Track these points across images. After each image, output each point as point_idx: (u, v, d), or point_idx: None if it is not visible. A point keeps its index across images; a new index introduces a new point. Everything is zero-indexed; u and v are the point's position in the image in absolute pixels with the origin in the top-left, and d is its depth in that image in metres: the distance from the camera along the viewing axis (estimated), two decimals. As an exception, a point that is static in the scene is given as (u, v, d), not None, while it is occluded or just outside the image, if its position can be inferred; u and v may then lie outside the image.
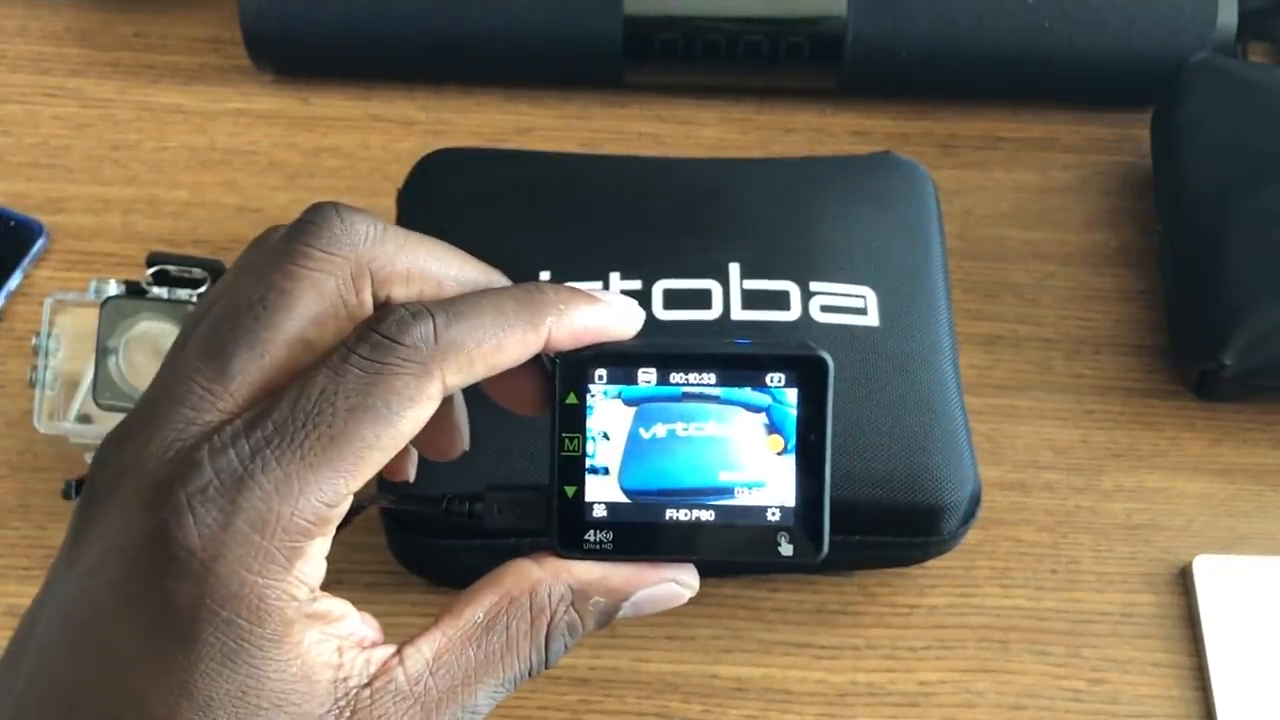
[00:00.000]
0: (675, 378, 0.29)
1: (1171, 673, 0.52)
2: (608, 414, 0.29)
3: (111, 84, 0.65)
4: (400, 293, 0.27)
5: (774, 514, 0.29)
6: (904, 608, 0.53)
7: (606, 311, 0.29)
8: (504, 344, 0.27)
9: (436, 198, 0.54)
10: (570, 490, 0.29)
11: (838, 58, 0.62)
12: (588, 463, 0.29)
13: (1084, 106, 0.65)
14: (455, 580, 0.52)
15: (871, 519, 0.48)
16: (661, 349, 0.29)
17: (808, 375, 0.29)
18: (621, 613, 0.30)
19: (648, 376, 0.29)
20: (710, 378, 0.29)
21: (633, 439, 0.29)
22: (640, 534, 0.29)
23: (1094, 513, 0.55)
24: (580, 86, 0.65)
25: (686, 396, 0.29)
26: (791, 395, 0.29)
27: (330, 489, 0.25)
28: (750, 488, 0.29)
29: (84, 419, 0.53)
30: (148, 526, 0.24)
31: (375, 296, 0.27)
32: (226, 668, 0.24)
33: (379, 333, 0.26)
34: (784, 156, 0.62)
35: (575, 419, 0.29)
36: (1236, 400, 0.57)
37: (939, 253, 0.54)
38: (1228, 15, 0.61)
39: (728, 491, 0.29)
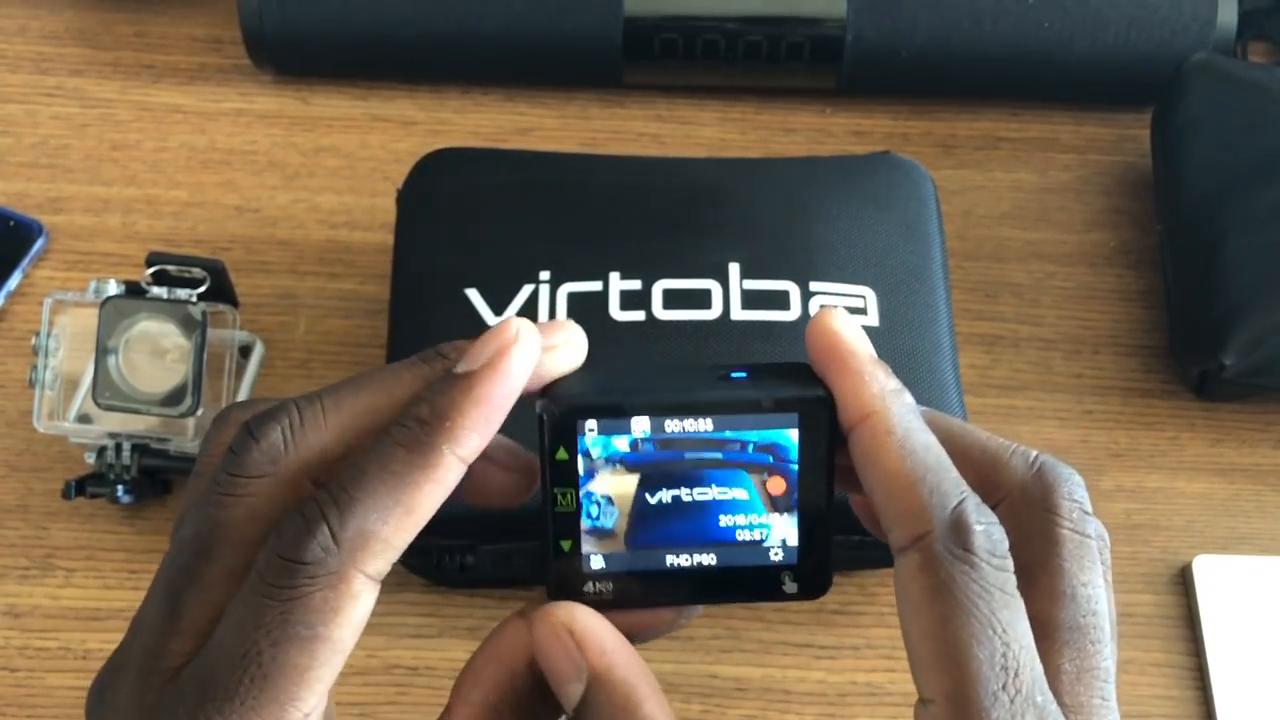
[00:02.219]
0: (670, 425, 0.28)
1: (1171, 672, 0.52)
2: (610, 481, 0.28)
3: (111, 84, 0.65)
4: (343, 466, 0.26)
5: (777, 553, 0.29)
6: (904, 608, 0.53)
7: (494, 388, 0.26)
8: (412, 506, 0.25)
9: (436, 198, 0.54)
10: (566, 544, 0.28)
11: (838, 58, 0.62)
12: (589, 525, 0.28)
13: (1084, 106, 0.66)
14: (452, 580, 0.52)
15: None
16: (653, 398, 0.28)
17: (808, 415, 0.28)
18: None
19: (640, 426, 0.28)
20: (707, 424, 0.28)
21: (639, 505, 0.28)
22: (640, 583, 0.28)
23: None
24: (580, 86, 0.65)
25: (689, 462, 0.28)
26: (792, 433, 0.28)
27: None
28: (752, 529, 0.29)
29: (84, 419, 0.53)
30: None
31: (324, 484, 0.26)
32: None
33: (280, 555, 0.24)
34: (784, 156, 0.62)
35: (567, 474, 0.28)
36: (1236, 400, 0.57)
37: (939, 253, 0.54)
38: (1227, 15, 0.61)
39: (729, 534, 0.29)
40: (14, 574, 0.53)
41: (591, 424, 0.27)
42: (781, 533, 0.29)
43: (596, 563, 0.28)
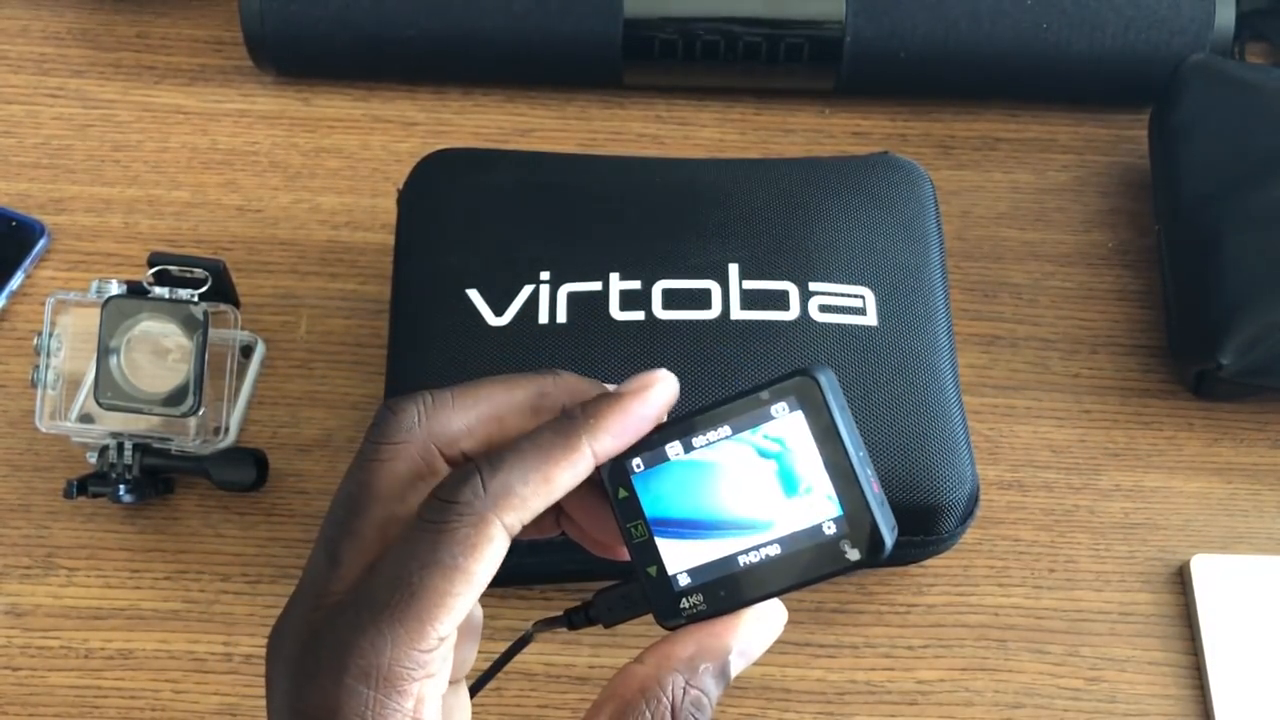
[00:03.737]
0: (697, 440, 0.31)
1: (1169, 671, 0.52)
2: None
3: (113, 85, 0.65)
4: (468, 444, 0.32)
5: (829, 527, 0.31)
6: (902, 606, 0.53)
7: (635, 404, 0.31)
8: (549, 475, 0.30)
9: (436, 198, 0.54)
10: (652, 570, 0.31)
11: (837, 59, 0.63)
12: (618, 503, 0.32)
13: (1082, 107, 0.66)
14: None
15: (870, 518, 0.49)
16: (676, 423, 0.31)
17: (803, 395, 0.30)
18: (734, 667, 0.31)
19: (675, 450, 0.31)
20: (725, 430, 0.31)
21: (642, 473, 0.31)
22: (724, 587, 0.31)
23: (1092, 512, 0.55)
24: (580, 87, 0.66)
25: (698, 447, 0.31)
26: (797, 416, 0.30)
27: (420, 637, 0.29)
28: (801, 510, 0.31)
29: (85, 418, 0.53)
30: (287, 698, 0.30)
31: (449, 456, 0.31)
32: None
33: (438, 497, 0.30)
34: (783, 157, 0.62)
35: (633, 509, 0.31)
36: (1234, 400, 0.58)
37: (937, 253, 0.54)
38: (1225, 16, 0.62)
39: (778, 522, 0.31)
40: (16, 573, 0.53)
41: (637, 460, 0.31)
42: (827, 507, 0.31)
43: (683, 580, 0.31)
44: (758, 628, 0.32)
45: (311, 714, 0.29)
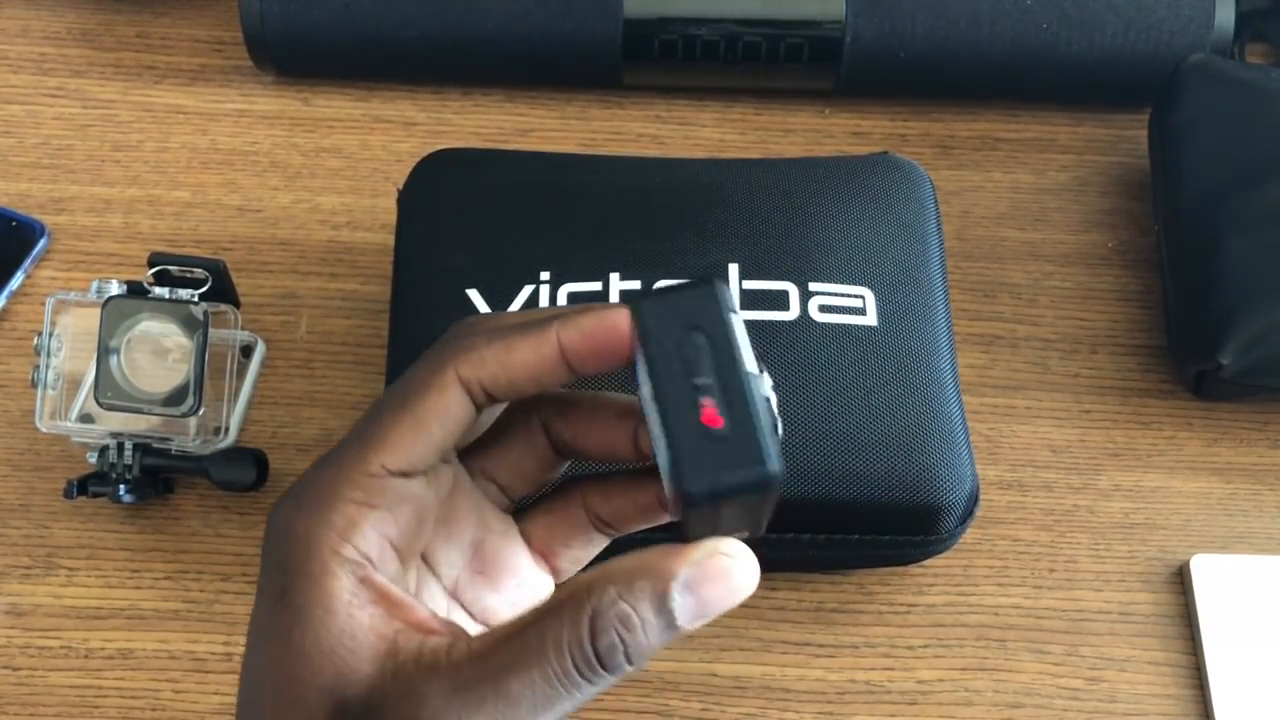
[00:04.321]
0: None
1: (1169, 671, 0.52)
2: None
3: (113, 85, 0.65)
4: None
5: (667, 465, 0.28)
6: (902, 606, 0.53)
7: (614, 314, 0.31)
8: (512, 344, 0.32)
9: (436, 198, 0.54)
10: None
11: (836, 59, 0.63)
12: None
13: (1081, 107, 0.66)
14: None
15: (869, 518, 0.49)
16: None
17: (636, 320, 0.29)
18: (678, 606, 0.29)
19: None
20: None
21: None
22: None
23: (1091, 512, 0.55)
24: (580, 87, 0.66)
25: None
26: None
27: (359, 460, 0.31)
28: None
29: (86, 418, 0.53)
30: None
31: None
32: (279, 603, 0.31)
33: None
34: (783, 157, 0.62)
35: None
36: (1234, 400, 0.58)
37: (937, 253, 0.54)
38: (1225, 16, 0.62)
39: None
40: (16, 573, 0.53)
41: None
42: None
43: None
44: (709, 566, 0.29)
45: (271, 526, 0.32)
